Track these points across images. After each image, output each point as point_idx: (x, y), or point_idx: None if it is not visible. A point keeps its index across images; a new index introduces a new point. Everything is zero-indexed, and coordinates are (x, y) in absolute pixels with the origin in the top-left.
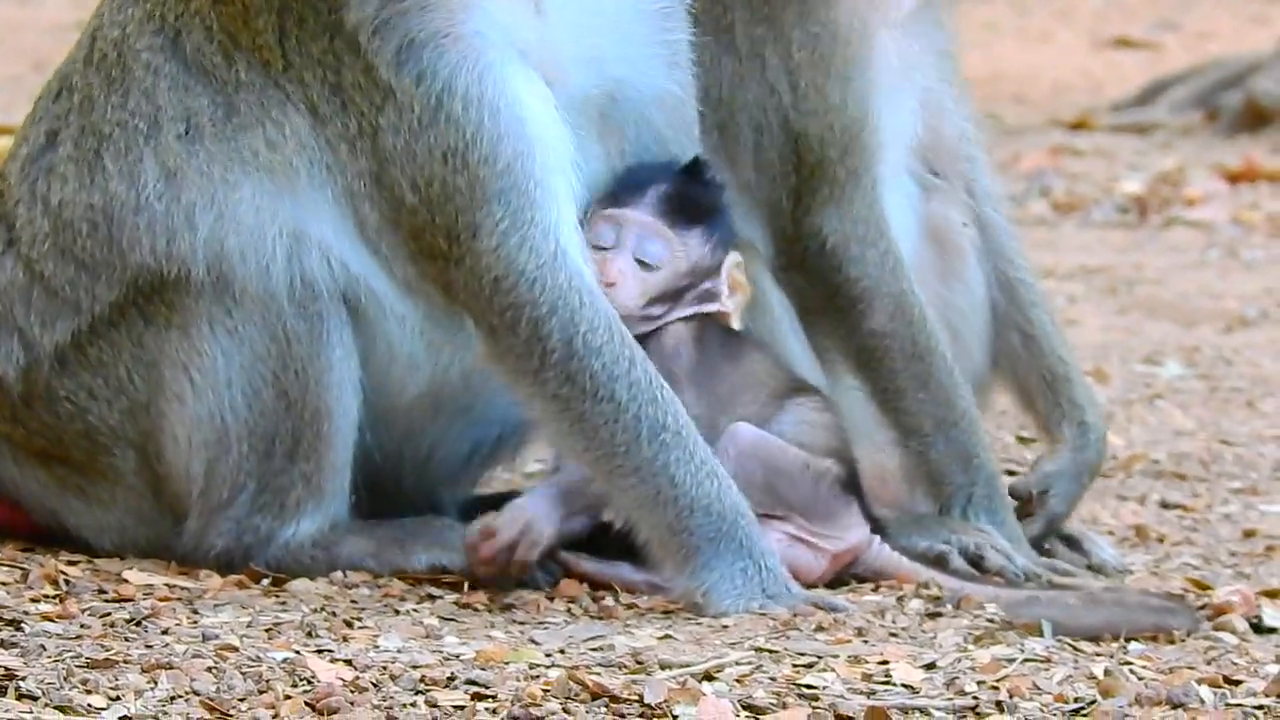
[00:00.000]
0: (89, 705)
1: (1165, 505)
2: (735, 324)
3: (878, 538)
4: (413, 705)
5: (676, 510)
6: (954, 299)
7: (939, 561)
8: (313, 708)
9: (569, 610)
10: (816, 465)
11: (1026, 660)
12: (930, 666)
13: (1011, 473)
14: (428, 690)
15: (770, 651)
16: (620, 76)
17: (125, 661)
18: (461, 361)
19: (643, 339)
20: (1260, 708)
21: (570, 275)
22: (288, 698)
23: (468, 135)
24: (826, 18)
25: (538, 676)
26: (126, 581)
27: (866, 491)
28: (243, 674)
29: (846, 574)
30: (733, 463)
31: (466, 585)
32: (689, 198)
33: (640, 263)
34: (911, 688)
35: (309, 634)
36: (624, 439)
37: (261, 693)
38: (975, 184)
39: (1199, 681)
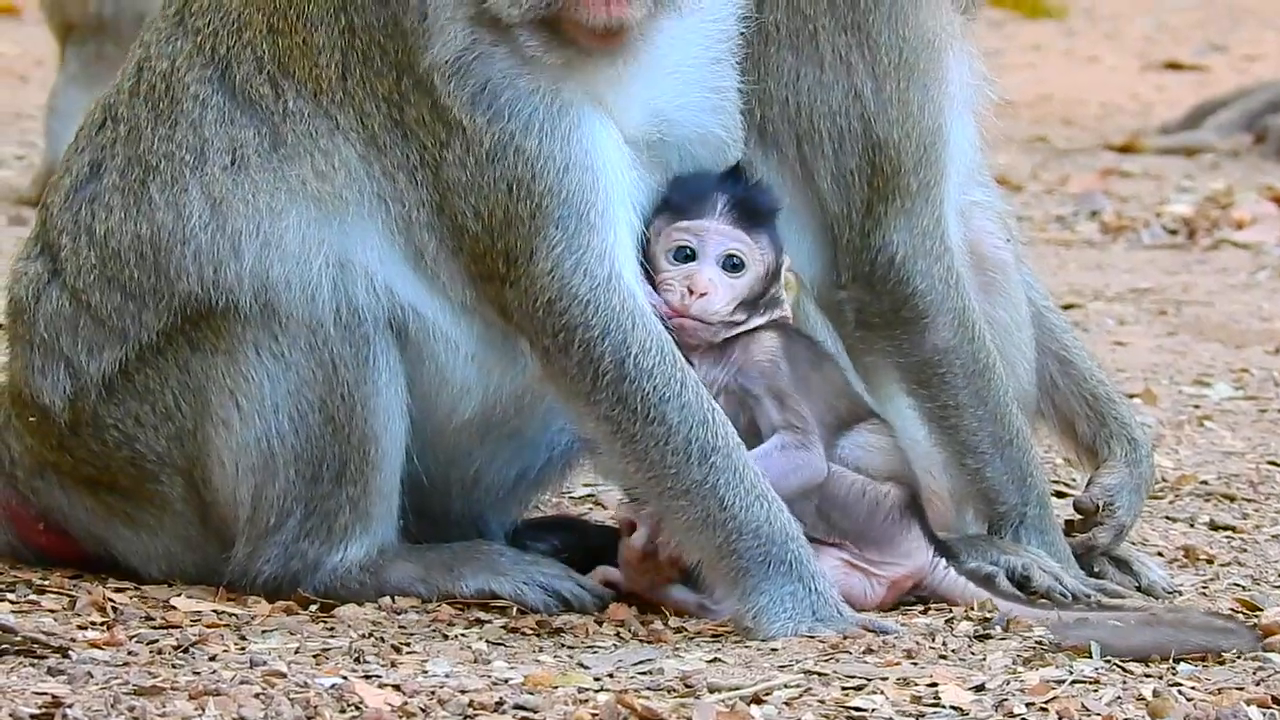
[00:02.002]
0: None
1: (1214, 526)
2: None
3: (942, 561)
4: None
5: (726, 533)
6: (997, 315)
7: (986, 582)
8: None
9: (618, 634)
10: (874, 492)
11: (1075, 682)
12: (979, 689)
13: (1062, 494)
14: (476, 715)
15: (819, 674)
16: (671, 118)
17: (173, 689)
18: (511, 386)
19: (725, 354)
20: None
21: (624, 298)
22: None
23: (536, 167)
24: (915, 22)
25: (586, 701)
26: (174, 608)
27: (933, 517)
28: (290, 700)
29: (909, 597)
30: (801, 498)
31: (515, 609)
32: (753, 201)
33: (725, 270)
34: (960, 710)
35: (357, 660)
36: (674, 461)
37: (310, 719)
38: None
39: (1248, 702)
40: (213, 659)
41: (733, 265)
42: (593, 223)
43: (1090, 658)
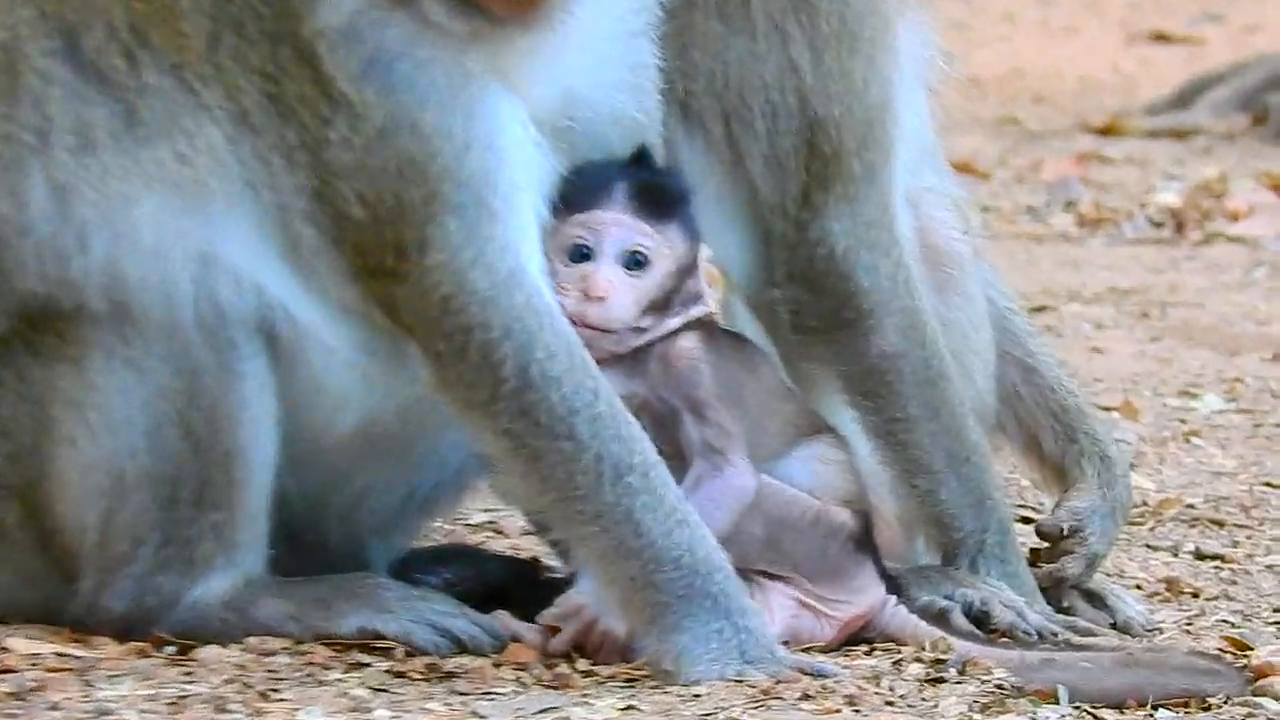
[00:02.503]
0: None
1: (1201, 556)
2: (718, 321)
3: (893, 598)
4: None
5: (642, 562)
6: (952, 316)
7: (940, 619)
8: None
9: (518, 679)
10: (829, 519)
11: None
12: None
13: (1027, 519)
14: None
15: None
16: (583, 97)
17: None
18: (396, 396)
19: (639, 363)
20: None
21: (528, 296)
22: None
23: (432, 146)
24: None
25: None
26: (8, 650)
27: (881, 545)
28: None
29: (855, 638)
30: (735, 525)
31: (401, 651)
32: (660, 188)
33: (627, 268)
34: None
35: (219, 709)
36: (584, 481)
37: None
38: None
39: None
40: (54, 708)
41: (635, 262)
42: (494, 210)
43: (1057, 703)
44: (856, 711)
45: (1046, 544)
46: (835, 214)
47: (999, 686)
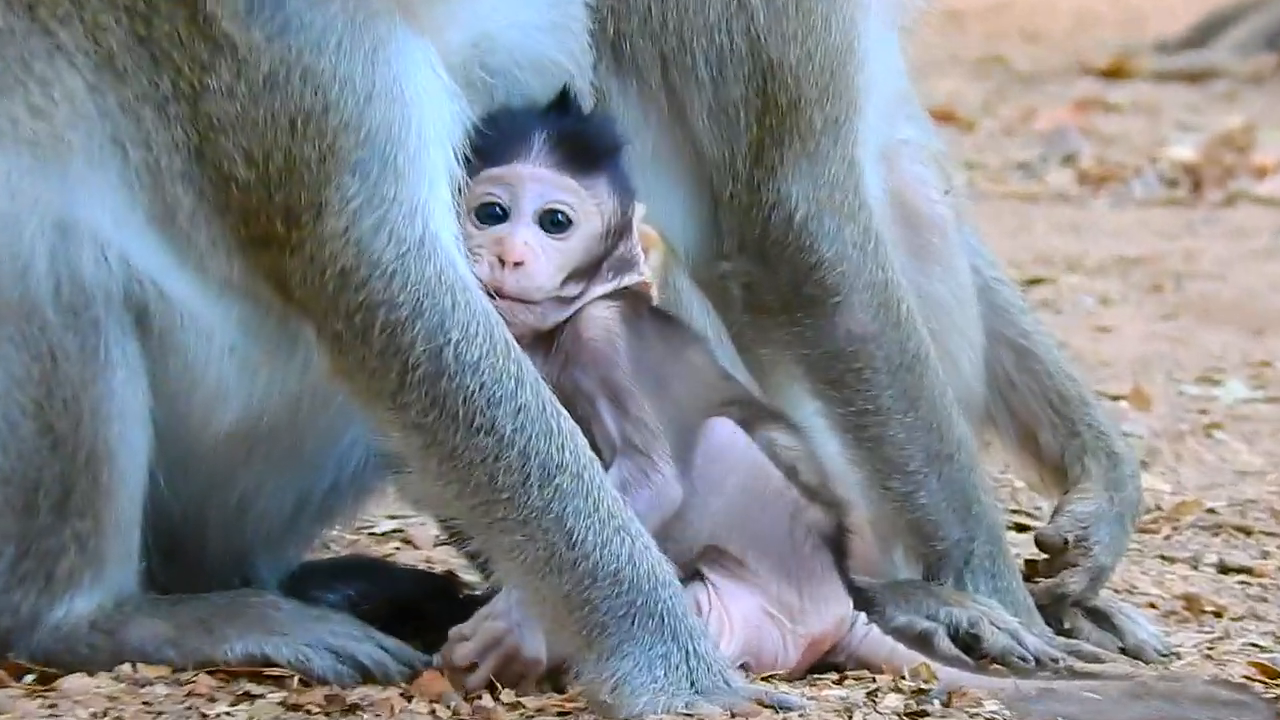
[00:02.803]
0: None
1: (1224, 569)
2: (654, 294)
3: (862, 615)
4: None
5: (576, 577)
6: (932, 290)
7: (921, 642)
8: None
9: (433, 712)
10: (799, 509)
11: None
12: None
13: (1023, 527)
14: None
15: None
16: (500, 40)
17: None
18: (286, 387)
19: (554, 338)
20: None
21: (440, 268)
22: None
23: (329, 95)
24: None
25: None
26: None
27: (851, 553)
28: None
29: (822, 663)
30: (697, 467)
31: (296, 680)
32: (585, 135)
33: (547, 229)
34: None
35: None
36: (507, 483)
37: None
38: None
39: None
40: None
41: (556, 222)
42: (401, 169)
43: None
44: None
45: (1045, 555)
46: (793, 174)
47: None
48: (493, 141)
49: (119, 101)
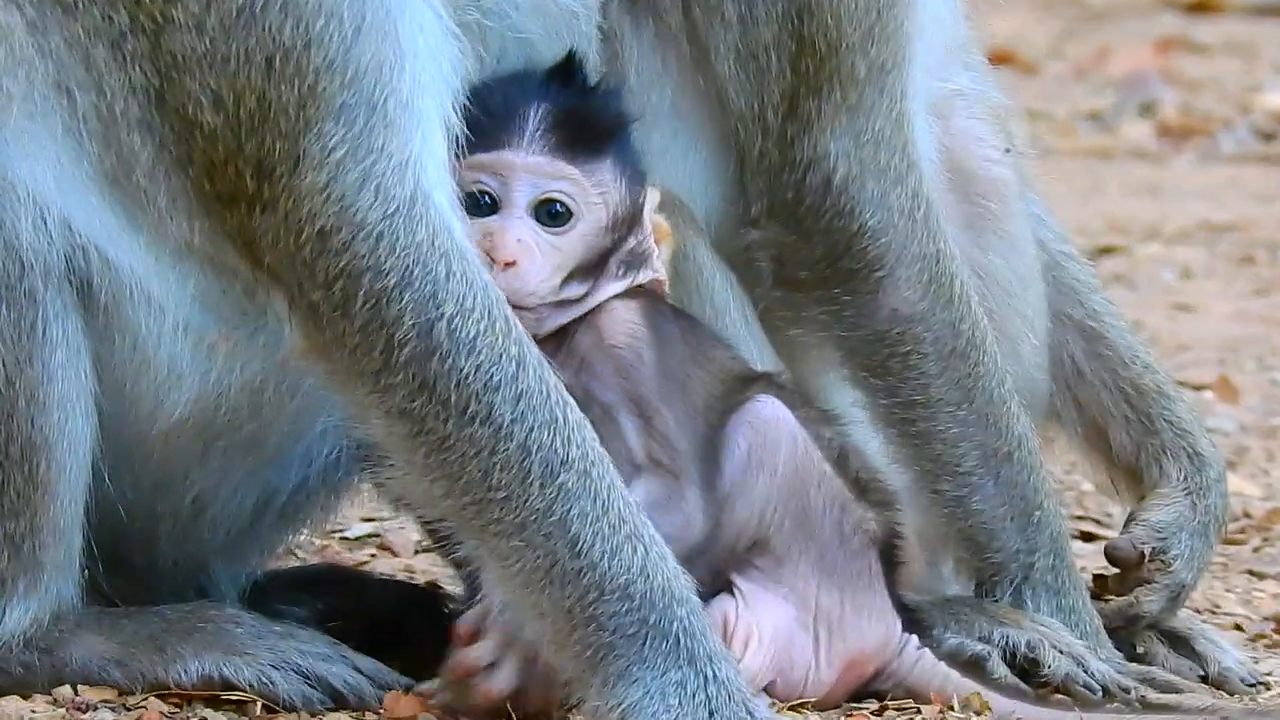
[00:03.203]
0: None
1: None
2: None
3: (913, 639)
4: None
5: (580, 590)
6: (990, 264)
7: (973, 667)
8: None
9: None
10: (852, 507)
11: None
12: None
13: (1091, 536)
14: None
15: None
16: None
17: None
18: (247, 369)
19: (562, 345)
20: None
21: (434, 232)
22: None
23: (311, 31)
24: None
25: None
26: None
27: (902, 569)
28: None
29: (864, 692)
30: (745, 443)
31: (259, 706)
32: (587, 112)
33: (544, 222)
34: None
35: None
36: (504, 480)
37: None
38: None
39: None
40: None
41: (553, 214)
42: (391, 117)
43: None
44: None
45: (1117, 570)
46: (831, 129)
47: None
48: (481, 120)
49: (66, 39)
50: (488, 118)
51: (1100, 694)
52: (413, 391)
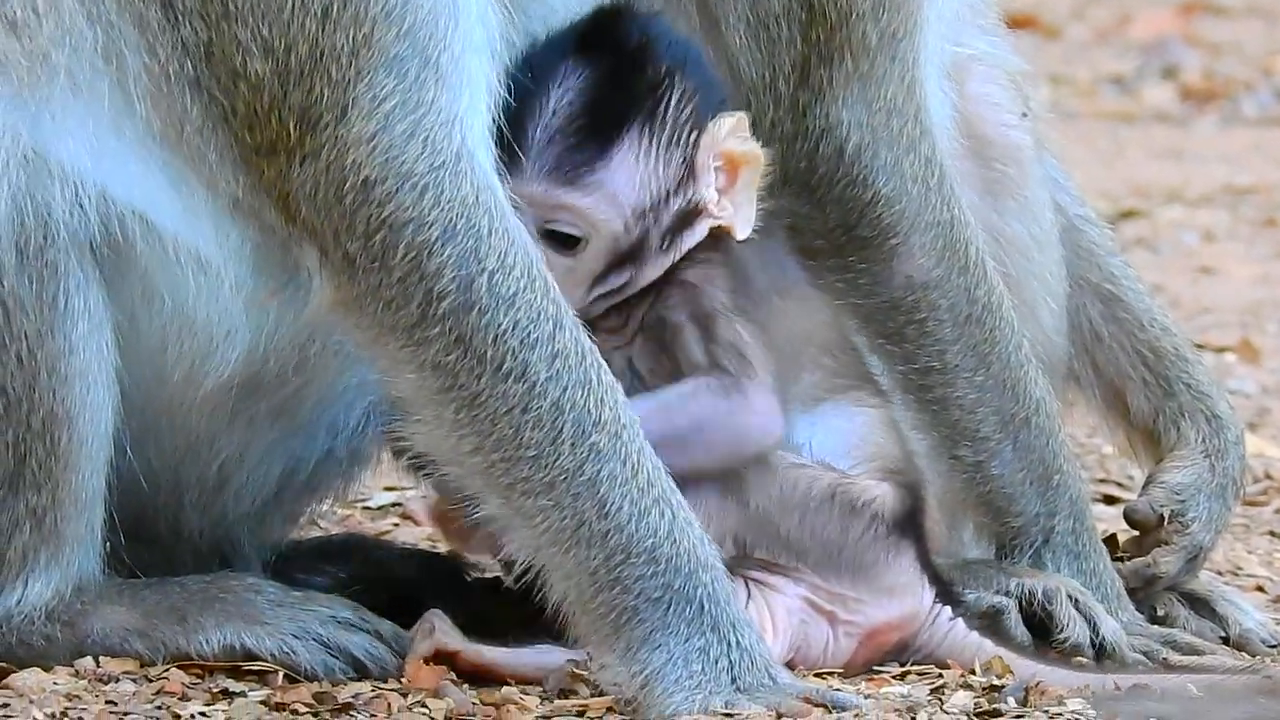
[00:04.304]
0: None
1: None
2: (742, 231)
3: (945, 610)
4: None
5: (606, 552)
6: (1007, 229)
7: (990, 621)
8: None
9: (432, 712)
10: (846, 494)
11: None
12: None
13: (1112, 499)
14: None
15: None
16: None
17: None
18: (286, 332)
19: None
20: None
21: (478, 188)
22: None
23: None
24: None
25: None
26: None
27: (928, 539)
28: None
29: (890, 660)
30: (715, 519)
31: (281, 675)
32: (595, 110)
33: (555, 248)
34: None
35: None
36: (535, 438)
37: None
38: None
39: None
40: None
41: (561, 241)
42: (443, 72)
43: None
44: None
45: (1137, 533)
46: (844, 97)
47: None
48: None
49: (118, 4)
50: (509, 139)
51: (1120, 656)
52: (448, 345)
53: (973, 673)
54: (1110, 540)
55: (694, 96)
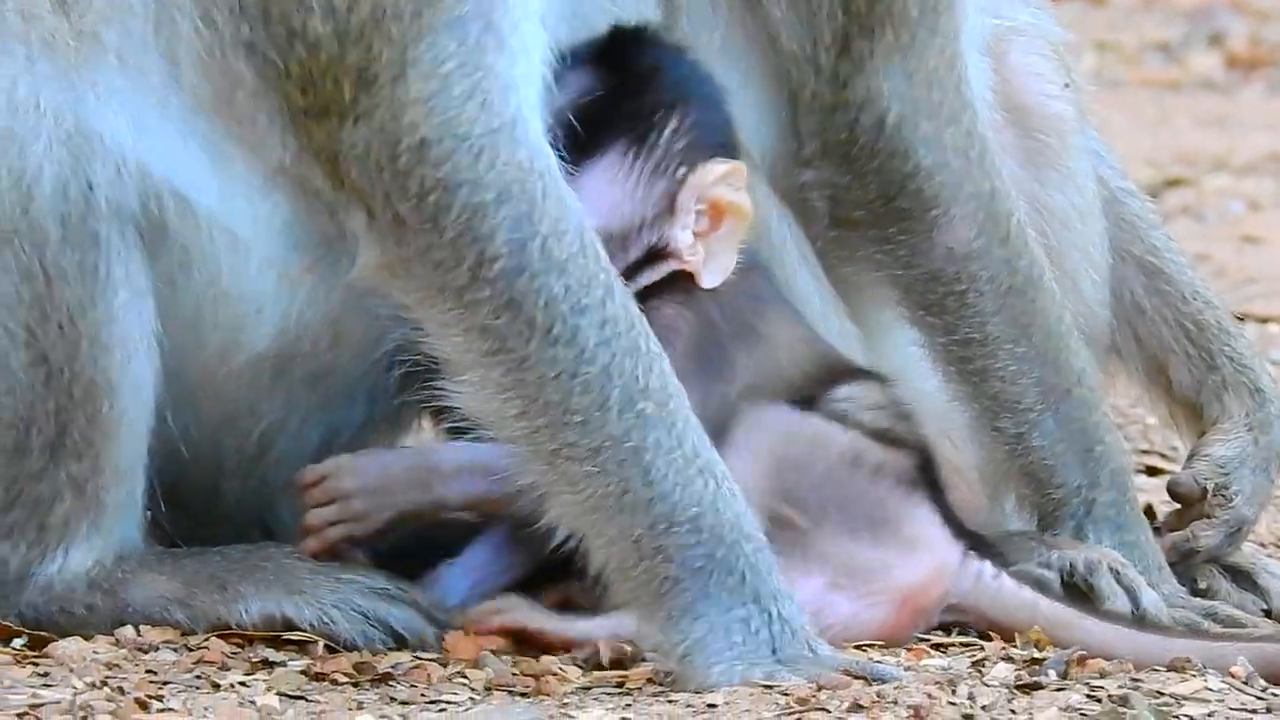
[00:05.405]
0: None
1: None
2: (709, 281)
3: (985, 566)
4: None
5: (650, 520)
6: (1049, 200)
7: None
8: None
9: (473, 683)
10: (856, 450)
11: None
12: None
13: (1155, 470)
14: None
15: None
16: None
17: None
18: (329, 299)
19: None
20: None
21: (532, 153)
22: None
23: None
24: None
25: None
26: None
27: (952, 494)
28: None
29: (940, 621)
30: (749, 460)
31: (320, 645)
32: (617, 96)
33: None
34: None
35: None
36: (582, 404)
37: None
38: None
39: None
40: None
41: None
42: (503, 37)
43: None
44: None
45: (1180, 505)
46: (884, 69)
47: (1115, 697)
48: None
49: None
50: None
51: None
52: (498, 308)
53: (1015, 644)
54: (1148, 511)
55: (691, 133)
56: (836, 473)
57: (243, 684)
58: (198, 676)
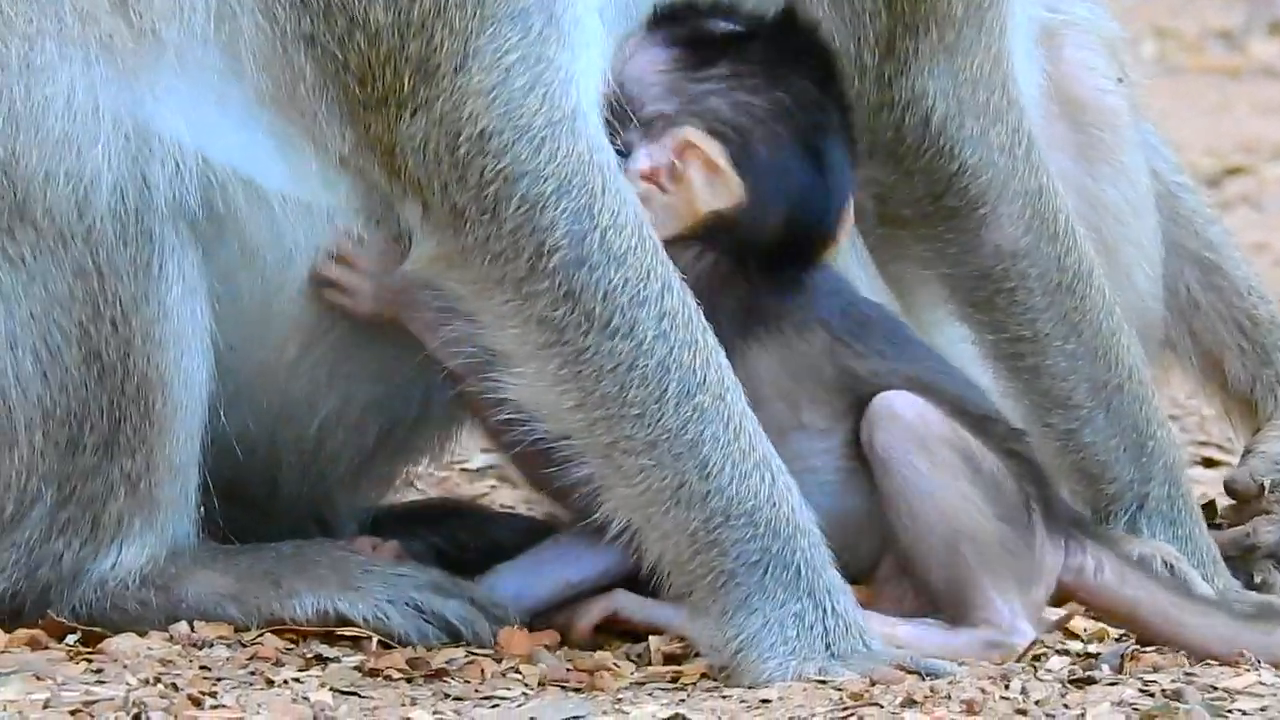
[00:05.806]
0: None
1: None
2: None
3: (1087, 559)
4: None
5: (706, 514)
6: (1102, 194)
7: None
8: None
9: (527, 679)
10: (1008, 481)
11: None
12: None
13: (1212, 462)
14: None
15: None
16: None
17: None
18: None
19: None
20: None
21: (592, 146)
22: None
23: None
24: None
25: None
26: None
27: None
28: None
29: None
30: (880, 452)
31: (374, 641)
32: (700, 20)
33: None
34: None
35: (137, 717)
36: (639, 396)
37: None
38: None
39: None
40: None
41: None
42: (564, 31)
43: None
44: None
45: (1234, 501)
46: (929, 68)
47: (1168, 692)
48: None
49: None
50: None
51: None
52: (556, 300)
53: (1076, 637)
54: (1209, 506)
55: (736, 108)
56: (1000, 481)
57: (296, 680)
58: (251, 673)
